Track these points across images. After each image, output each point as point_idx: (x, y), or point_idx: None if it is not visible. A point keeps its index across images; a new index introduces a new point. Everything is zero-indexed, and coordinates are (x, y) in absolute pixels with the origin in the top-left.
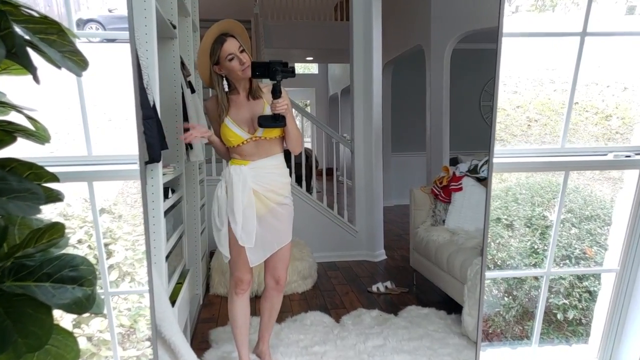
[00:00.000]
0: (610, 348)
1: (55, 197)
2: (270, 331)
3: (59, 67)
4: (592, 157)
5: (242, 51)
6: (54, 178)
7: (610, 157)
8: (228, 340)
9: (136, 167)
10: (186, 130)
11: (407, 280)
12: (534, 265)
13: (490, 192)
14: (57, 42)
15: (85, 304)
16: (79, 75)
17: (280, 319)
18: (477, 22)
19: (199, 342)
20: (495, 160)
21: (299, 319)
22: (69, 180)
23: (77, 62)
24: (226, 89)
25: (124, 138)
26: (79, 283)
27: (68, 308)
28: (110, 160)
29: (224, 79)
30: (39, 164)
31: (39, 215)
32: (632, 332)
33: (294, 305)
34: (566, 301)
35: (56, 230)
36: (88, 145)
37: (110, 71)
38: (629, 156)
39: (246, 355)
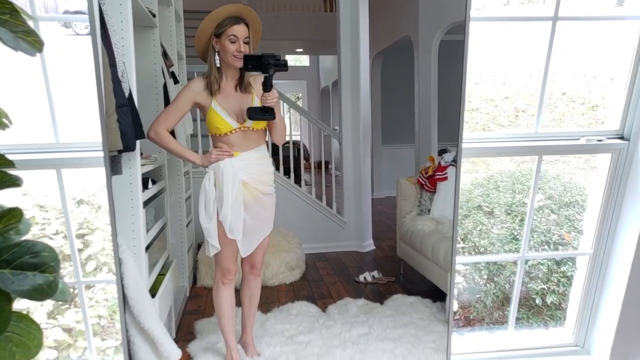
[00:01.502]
0: (585, 330)
1: (12, 182)
2: (252, 321)
3: (12, 48)
4: (565, 142)
5: (246, 42)
6: (8, 162)
7: (582, 141)
8: (213, 331)
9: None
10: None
11: (394, 270)
12: (514, 252)
13: (460, 178)
14: (10, 22)
15: (47, 291)
16: (32, 55)
17: (266, 309)
18: (464, 12)
19: (185, 334)
20: (470, 145)
21: (285, 309)
22: (36, 168)
23: (31, 43)
24: (217, 65)
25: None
26: (41, 270)
27: (27, 294)
28: (79, 147)
29: (217, 55)
30: (10, 151)
31: (6, 202)
32: (606, 314)
33: (281, 296)
34: (545, 286)
35: (13, 215)
36: (55, 131)
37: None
38: (601, 140)
39: (234, 344)
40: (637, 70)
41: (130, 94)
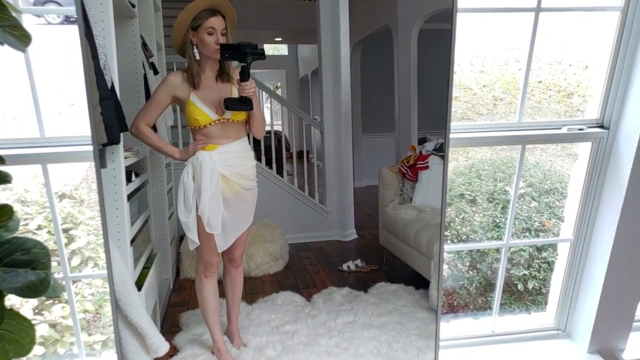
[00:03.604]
0: (566, 314)
1: (2, 178)
2: (236, 311)
3: (1, 43)
4: (547, 131)
5: (223, 33)
6: None
7: (564, 130)
8: (198, 323)
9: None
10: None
11: (377, 258)
12: (496, 239)
13: (447, 167)
14: None
15: (39, 288)
16: (21, 50)
17: (251, 300)
18: (443, 1)
19: (170, 326)
20: (454, 135)
21: (270, 300)
22: (21, 163)
23: (19, 37)
24: (197, 57)
25: (85, 120)
26: (32, 266)
27: (20, 292)
28: (65, 141)
29: (195, 48)
30: None
31: None
32: (586, 298)
33: (265, 287)
34: (526, 272)
35: (4, 212)
36: (40, 126)
37: (71, 53)
38: (582, 129)
39: (220, 336)
40: (617, 60)
41: (113, 86)
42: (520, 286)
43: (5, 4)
